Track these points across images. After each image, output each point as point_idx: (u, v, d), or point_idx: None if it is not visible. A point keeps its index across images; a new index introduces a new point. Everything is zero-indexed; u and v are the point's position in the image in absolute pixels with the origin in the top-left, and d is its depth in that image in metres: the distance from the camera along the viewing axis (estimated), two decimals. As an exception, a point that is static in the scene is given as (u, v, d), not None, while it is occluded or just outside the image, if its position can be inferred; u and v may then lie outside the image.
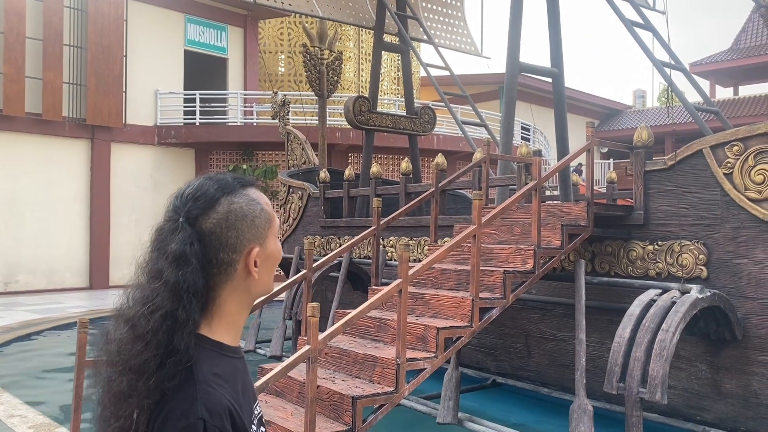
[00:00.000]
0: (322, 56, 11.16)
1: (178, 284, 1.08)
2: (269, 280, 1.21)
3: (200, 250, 1.11)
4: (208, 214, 1.13)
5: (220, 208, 1.14)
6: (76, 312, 11.34)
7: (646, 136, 5.39)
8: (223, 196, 1.15)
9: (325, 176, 9.04)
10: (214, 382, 1.08)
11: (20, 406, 5.56)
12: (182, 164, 17.81)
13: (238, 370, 1.16)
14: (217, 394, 1.07)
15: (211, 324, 1.15)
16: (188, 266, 1.09)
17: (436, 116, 10.36)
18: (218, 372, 1.11)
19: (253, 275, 1.16)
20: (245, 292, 1.18)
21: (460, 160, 18.08)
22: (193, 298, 1.09)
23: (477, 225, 4.53)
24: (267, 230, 1.18)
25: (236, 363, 1.17)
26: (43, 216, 15.38)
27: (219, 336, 1.16)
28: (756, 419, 4.71)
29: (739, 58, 24.85)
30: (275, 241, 1.21)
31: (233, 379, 1.14)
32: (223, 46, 19.19)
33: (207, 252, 1.12)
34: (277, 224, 1.22)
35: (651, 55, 7.21)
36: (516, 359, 6.47)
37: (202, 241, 1.12)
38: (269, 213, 1.20)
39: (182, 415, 1.04)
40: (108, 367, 1.12)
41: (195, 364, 1.09)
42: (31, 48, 14.93)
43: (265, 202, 1.21)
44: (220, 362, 1.13)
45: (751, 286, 4.70)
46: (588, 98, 28.77)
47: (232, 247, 1.13)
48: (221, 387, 1.09)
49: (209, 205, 1.13)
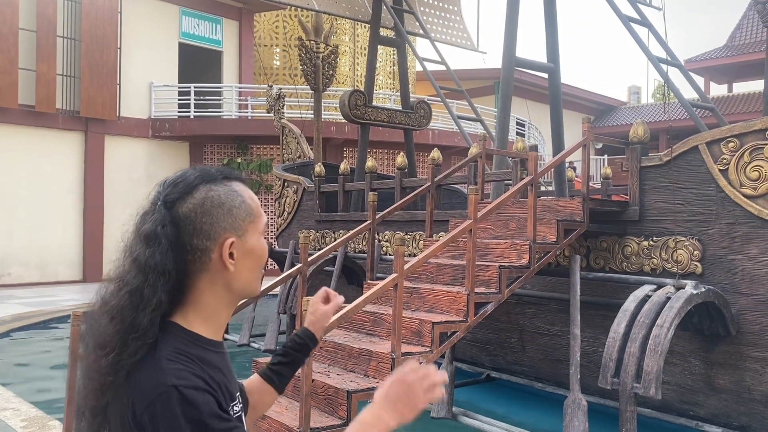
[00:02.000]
0: (317, 50, 11.11)
1: (146, 262, 1.09)
2: (251, 279, 1.19)
3: (172, 233, 1.11)
4: (185, 199, 1.14)
5: (198, 194, 1.14)
6: (70, 305, 11.30)
7: (642, 132, 5.39)
8: (202, 183, 1.15)
9: (321, 170, 9.02)
10: (177, 357, 1.07)
11: (13, 399, 5.53)
12: (176, 158, 17.74)
13: (213, 363, 1.13)
14: (182, 366, 1.06)
15: (187, 314, 1.14)
16: (157, 246, 1.09)
17: (431, 111, 10.35)
18: (184, 351, 1.09)
19: (228, 267, 1.14)
20: (224, 287, 1.16)
21: (456, 155, 18.08)
22: (160, 277, 1.09)
23: (473, 220, 4.53)
24: (247, 223, 1.17)
25: (212, 356, 1.14)
26: (37, 209, 15.30)
27: (195, 327, 1.14)
28: (749, 414, 4.74)
29: (733, 55, 24.91)
30: (258, 238, 1.19)
31: (206, 366, 1.11)
32: (218, 39, 19.10)
33: (181, 236, 1.11)
34: (262, 222, 1.20)
35: (647, 51, 7.21)
36: (510, 354, 6.48)
37: (177, 224, 1.12)
38: (252, 207, 1.18)
39: (151, 388, 1.03)
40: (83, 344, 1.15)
41: (159, 344, 1.08)
42: (24, 39, 14.82)
43: (248, 196, 1.19)
44: (190, 348, 1.11)
45: (746, 282, 4.71)
46: (583, 94, 28.81)
47: (206, 234, 1.13)
48: (186, 363, 1.07)
49: (187, 190, 1.14)
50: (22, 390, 6.17)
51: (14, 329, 9.25)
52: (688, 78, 7.83)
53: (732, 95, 26.14)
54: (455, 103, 16.27)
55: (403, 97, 10.14)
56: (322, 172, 9.00)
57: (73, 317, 3.95)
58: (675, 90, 7.17)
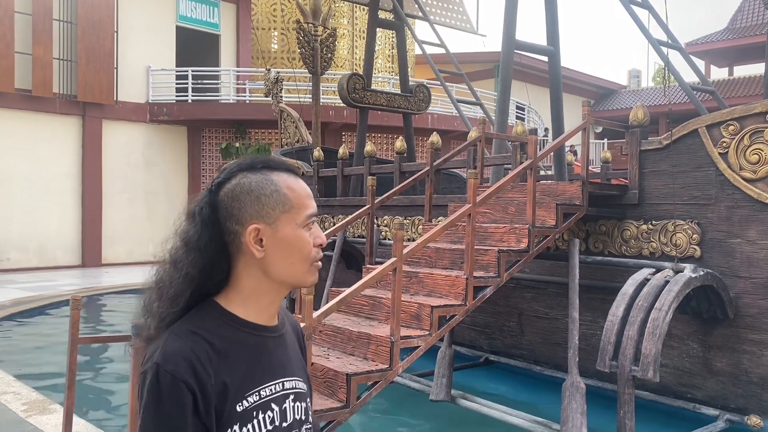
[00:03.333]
0: (315, 33, 11.03)
1: (183, 237, 1.20)
2: (289, 268, 1.20)
3: (208, 213, 1.19)
4: (224, 185, 1.21)
5: (233, 180, 1.21)
6: (69, 290, 11.32)
7: (642, 115, 5.37)
8: (240, 170, 1.22)
9: (319, 155, 8.99)
10: (185, 335, 1.13)
11: (14, 383, 5.56)
12: (174, 142, 17.68)
13: (244, 342, 1.18)
14: (180, 345, 1.11)
15: (228, 294, 1.21)
16: (193, 224, 1.19)
17: (431, 95, 10.30)
18: (198, 330, 1.14)
19: (256, 254, 1.18)
20: (261, 272, 1.20)
21: (455, 139, 18.04)
22: (192, 251, 1.17)
23: (472, 204, 4.52)
24: (278, 212, 1.19)
25: (247, 337, 1.19)
26: (35, 193, 15.27)
27: (233, 308, 1.20)
28: (746, 397, 4.77)
29: (734, 38, 24.76)
30: (294, 229, 1.20)
31: (227, 345, 1.15)
32: (216, 23, 18.96)
33: (219, 218, 1.19)
34: (302, 213, 1.21)
35: (647, 34, 7.16)
36: (509, 337, 6.50)
37: (215, 206, 1.20)
38: (288, 197, 1.20)
39: (146, 361, 1.13)
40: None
41: (186, 318, 1.17)
42: (20, 23, 14.70)
43: (286, 186, 1.21)
44: (214, 326, 1.16)
45: (744, 265, 4.72)
46: (583, 77, 28.68)
47: (236, 218, 1.18)
48: (192, 341, 1.12)
49: (227, 177, 1.22)
50: (22, 374, 6.20)
51: (14, 314, 9.28)
52: (688, 61, 7.79)
53: (733, 78, 26.04)
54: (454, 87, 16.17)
55: (402, 80, 10.08)
56: (321, 157, 8.97)
57: (72, 302, 3.95)
58: (675, 73, 7.14)
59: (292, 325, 1.37)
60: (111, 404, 5.72)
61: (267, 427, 1.16)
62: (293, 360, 1.28)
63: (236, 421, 1.13)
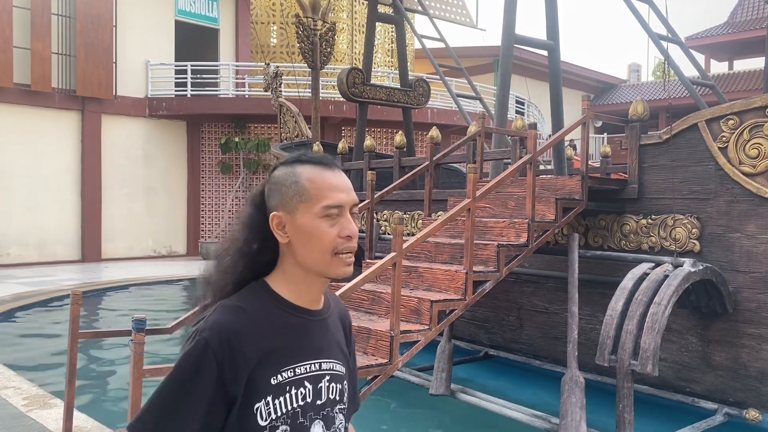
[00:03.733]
0: (315, 27, 11.01)
1: (240, 218, 1.34)
2: (310, 256, 1.27)
3: (259, 200, 1.32)
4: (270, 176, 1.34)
5: (275, 172, 1.33)
6: (69, 285, 11.33)
7: (642, 109, 5.37)
8: (279, 165, 1.33)
9: (319, 149, 8.98)
10: (231, 308, 1.24)
11: (14, 378, 5.57)
12: (174, 136, 17.66)
13: (286, 322, 1.28)
14: (224, 316, 1.22)
15: (276, 276, 1.31)
16: (247, 207, 1.33)
17: (430, 89, 10.28)
18: (245, 306, 1.25)
19: (280, 239, 1.28)
20: (293, 257, 1.29)
21: (455, 134, 18.01)
22: (244, 229, 1.31)
23: (471, 199, 4.52)
24: (296, 202, 1.26)
25: (290, 317, 1.28)
26: (34, 188, 15.26)
27: (278, 289, 1.30)
28: (744, 391, 4.78)
29: (734, 32, 24.72)
30: (311, 219, 1.26)
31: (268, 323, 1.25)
32: (215, 17, 18.91)
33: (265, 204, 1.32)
34: (321, 204, 1.26)
35: (647, 28, 7.15)
36: (508, 332, 6.52)
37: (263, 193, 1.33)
38: (305, 188, 1.27)
39: (194, 325, 1.25)
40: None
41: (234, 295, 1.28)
42: (18, 17, 14.66)
43: (308, 178, 1.27)
44: (260, 304, 1.27)
45: (743, 260, 4.73)
46: (583, 72, 28.63)
47: (269, 206, 1.30)
48: (236, 315, 1.23)
49: (274, 168, 1.34)
50: (23, 369, 6.21)
51: (14, 309, 9.28)
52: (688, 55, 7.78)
53: (733, 73, 25.99)
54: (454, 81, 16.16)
55: (402, 75, 10.07)
56: (321, 151, 8.97)
57: (72, 296, 3.96)
58: (675, 67, 7.13)
59: (340, 311, 1.45)
60: (111, 398, 5.73)
61: (299, 402, 1.24)
62: (333, 344, 1.35)
63: (269, 393, 1.21)
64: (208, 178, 17.97)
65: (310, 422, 1.26)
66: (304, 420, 1.25)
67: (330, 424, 1.30)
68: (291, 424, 1.23)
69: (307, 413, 1.25)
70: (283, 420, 1.22)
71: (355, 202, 1.30)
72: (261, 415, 1.20)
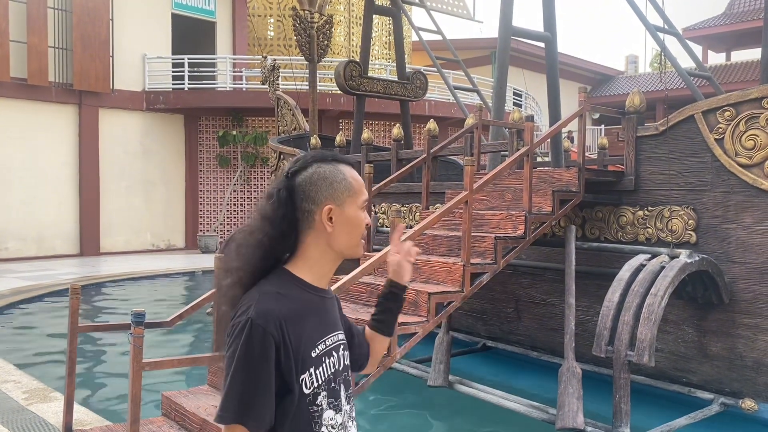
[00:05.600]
0: (312, 20, 10.98)
1: (261, 212, 1.47)
2: (349, 242, 1.49)
3: (285, 195, 1.46)
4: (300, 173, 1.48)
5: (310, 169, 1.48)
6: (68, 278, 11.34)
7: (638, 101, 5.37)
8: (315, 162, 1.49)
9: (316, 142, 8.98)
10: (272, 296, 1.40)
11: (14, 372, 5.59)
12: (171, 130, 17.63)
13: (312, 302, 1.46)
14: (269, 303, 1.38)
15: (297, 263, 1.48)
16: (271, 202, 1.46)
17: (427, 81, 10.27)
18: (282, 292, 1.42)
19: (327, 228, 1.46)
20: (327, 245, 1.48)
21: (452, 126, 18.00)
22: (267, 223, 1.45)
23: (469, 191, 4.53)
24: (346, 196, 1.47)
25: (312, 297, 1.47)
26: (32, 182, 15.25)
27: (301, 274, 1.47)
28: (740, 381, 4.81)
29: (732, 23, 24.68)
30: (356, 210, 1.49)
31: (302, 305, 1.43)
32: (212, 10, 18.85)
33: (294, 200, 1.46)
34: (361, 198, 1.49)
35: (644, 20, 7.15)
36: (506, 323, 6.54)
37: (291, 190, 1.46)
38: (352, 184, 1.48)
39: (240, 314, 1.38)
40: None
41: (268, 280, 1.44)
42: (14, 11, 14.60)
43: (351, 176, 1.49)
44: (290, 289, 1.44)
45: (739, 250, 4.75)
46: (580, 63, 28.59)
47: (312, 199, 1.45)
48: (278, 302, 1.39)
49: (303, 166, 1.49)
50: (23, 363, 6.23)
51: (13, 303, 9.30)
52: (685, 47, 7.78)
53: (730, 64, 25.97)
54: (452, 74, 16.14)
55: (399, 67, 10.05)
56: (318, 145, 8.97)
57: (71, 290, 3.97)
58: (672, 59, 7.13)
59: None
60: (111, 392, 5.76)
61: (331, 369, 1.46)
62: (338, 316, 1.58)
63: (312, 365, 1.41)
64: (206, 171, 17.96)
65: (338, 386, 1.47)
66: (335, 384, 1.46)
67: (348, 387, 1.52)
68: (327, 389, 1.44)
69: (337, 378, 1.47)
70: (323, 387, 1.43)
71: None
72: (306, 384, 1.40)
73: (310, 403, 1.41)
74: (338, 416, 1.45)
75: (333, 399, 1.44)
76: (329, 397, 1.43)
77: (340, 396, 1.47)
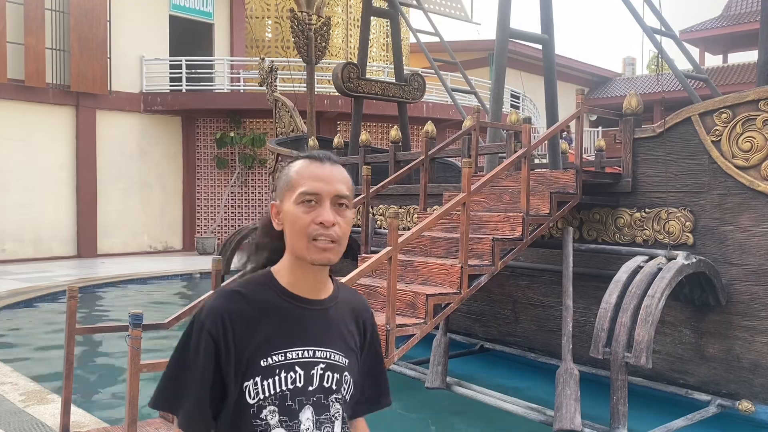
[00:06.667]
0: (309, 22, 10.99)
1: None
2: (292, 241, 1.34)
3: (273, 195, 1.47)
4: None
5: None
6: (65, 280, 11.32)
7: (636, 103, 5.39)
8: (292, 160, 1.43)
9: (314, 144, 8.98)
10: (228, 293, 1.34)
11: (11, 374, 5.58)
12: (169, 132, 17.62)
13: (279, 308, 1.35)
14: (219, 301, 1.32)
15: (279, 266, 1.40)
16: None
17: (425, 83, 10.28)
18: (243, 291, 1.34)
19: (274, 224, 1.38)
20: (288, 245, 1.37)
21: (450, 128, 18.02)
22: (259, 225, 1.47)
23: (466, 193, 4.54)
24: (284, 190, 1.36)
25: (282, 303, 1.35)
26: (29, 184, 15.22)
27: (279, 277, 1.38)
28: (737, 382, 4.82)
29: (729, 25, 24.73)
30: (290, 204, 1.34)
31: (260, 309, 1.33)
32: (209, 11, 18.85)
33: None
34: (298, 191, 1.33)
35: (641, 22, 7.17)
36: (504, 325, 6.55)
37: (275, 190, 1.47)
38: (290, 177, 1.36)
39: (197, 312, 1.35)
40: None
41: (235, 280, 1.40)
42: (11, 12, 14.59)
43: (295, 169, 1.37)
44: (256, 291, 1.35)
45: (736, 252, 4.76)
46: (578, 65, 28.62)
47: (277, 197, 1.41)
48: (230, 301, 1.32)
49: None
50: (20, 365, 6.21)
51: (10, 305, 9.28)
52: (682, 49, 7.80)
53: (727, 66, 26.02)
54: (449, 76, 16.16)
55: (397, 69, 10.06)
56: (316, 146, 8.97)
57: (69, 292, 3.97)
58: (669, 61, 7.15)
59: (355, 306, 1.48)
60: (109, 394, 5.75)
61: (287, 385, 1.30)
62: (334, 335, 1.39)
63: (258, 374, 1.28)
64: (203, 173, 17.95)
65: (299, 406, 1.30)
66: (292, 403, 1.30)
67: (322, 411, 1.33)
68: (279, 406, 1.29)
69: (296, 397, 1.30)
70: (270, 401, 1.28)
71: (336, 193, 1.33)
72: (249, 393, 1.28)
73: (254, 416, 1.28)
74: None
75: (286, 418, 1.29)
76: (281, 414, 1.28)
77: (299, 417, 1.30)
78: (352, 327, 1.43)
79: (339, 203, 1.34)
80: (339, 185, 1.35)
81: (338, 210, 1.34)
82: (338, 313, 1.41)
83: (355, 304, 1.48)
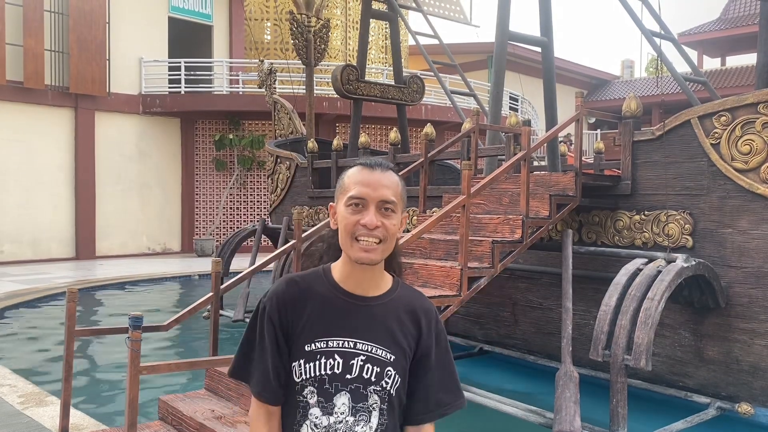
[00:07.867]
0: (309, 24, 10.99)
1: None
2: (342, 241, 1.47)
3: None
4: None
5: None
6: (64, 282, 11.31)
7: (635, 106, 5.39)
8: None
9: (313, 146, 8.98)
10: (288, 281, 1.52)
11: (10, 376, 5.56)
12: (168, 133, 17.62)
13: (330, 300, 1.49)
14: (280, 287, 1.51)
15: (337, 262, 1.54)
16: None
17: (424, 86, 10.29)
18: (299, 281, 1.52)
19: (331, 223, 1.54)
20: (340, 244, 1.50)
21: (449, 131, 18.03)
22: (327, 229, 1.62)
23: (466, 195, 4.54)
24: (339, 193, 1.51)
25: (332, 297, 1.49)
26: (28, 186, 15.21)
27: (334, 272, 1.53)
28: (736, 385, 4.83)
29: (727, 28, 24.79)
30: (342, 206, 1.48)
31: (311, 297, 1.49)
32: (208, 13, 18.86)
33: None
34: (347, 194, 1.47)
35: (640, 24, 7.18)
36: (503, 327, 6.55)
37: None
38: (344, 182, 1.51)
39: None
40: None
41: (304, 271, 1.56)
42: (10, 13, 14.59)
43: (348, 174, 1.51)
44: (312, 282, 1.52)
45: (735, 255, 4.77)
46: (576, 68, 28.67)
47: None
48: (288, 287, 1.51)
49: None
50: (18, 367, 6.20)
51: (8, 306, 9.26)
52: (681, 52, 7.82)
53: (725, 69, 26.08)
54: (448, 78, 16.17)
55: (396, 71, 10.07)
56: (315, 148, 8.97)
57: (68, 294, 3.96)
58: (668, 64, 7.17)
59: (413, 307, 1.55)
60: (108, 396, 5.74)
61: (326, 371, 1.45)
62: (381, 330, 1.49)
63: (302, 357, 1.45)
64: (202, 175, 17.94)
65: (335, 391, 1.45)
66: (329, 387, 1.45)
67: (360, 400, 1.45)
68: (318, 388, 1.45)
69: (333, 382, 1.45)
70: (311, 382, 1.45)
71: (382, 198, 1.45)
72: (295, 372, 1.46)
73: (298, 392, 1.46)
74: (325, 418, 1.44)
75: (323, 399, 1.44)
76: (319, 395, 1.45)
77: (334, 401, 1.44)
78: (401, 326, 1.51)
79: (384, 208, 1.46)
80: (385, 191, 1.46)
81: (383, 214, 1.46)
82: (387, 311, 1.51)
83: (415, 305, 1.56)
